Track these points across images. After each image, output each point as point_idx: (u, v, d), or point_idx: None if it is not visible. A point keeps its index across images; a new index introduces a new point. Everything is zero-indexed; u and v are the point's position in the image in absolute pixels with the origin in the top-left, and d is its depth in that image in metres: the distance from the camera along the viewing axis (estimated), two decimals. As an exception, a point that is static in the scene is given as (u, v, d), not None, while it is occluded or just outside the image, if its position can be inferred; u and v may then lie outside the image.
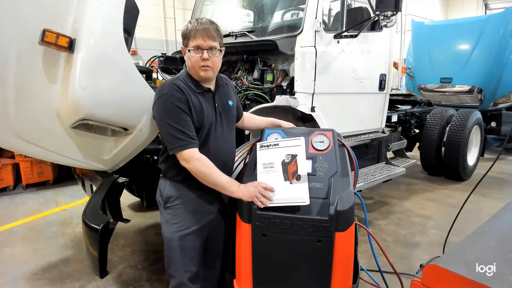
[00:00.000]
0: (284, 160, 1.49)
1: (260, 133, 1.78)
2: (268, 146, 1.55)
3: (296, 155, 1.48)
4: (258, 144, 1.57)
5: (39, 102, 1.61)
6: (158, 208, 1.72)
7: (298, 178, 1.45)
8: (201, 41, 1.47)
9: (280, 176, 1.47)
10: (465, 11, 14.27)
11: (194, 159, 1.44)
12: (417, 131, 5.20)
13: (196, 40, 1.48)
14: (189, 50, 1.50)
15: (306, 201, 1.41)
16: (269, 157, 1.51)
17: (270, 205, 1.43)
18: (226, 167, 1.65)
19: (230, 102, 1.69)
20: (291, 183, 1.45)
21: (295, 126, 1.88)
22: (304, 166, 1.47)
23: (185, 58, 1.56)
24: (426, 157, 5.13)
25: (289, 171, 1.47)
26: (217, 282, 1.88)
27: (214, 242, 1.78)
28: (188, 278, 1.59)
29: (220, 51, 1.55)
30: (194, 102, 1.50)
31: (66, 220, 3.56)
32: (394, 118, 4.32)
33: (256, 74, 2.90)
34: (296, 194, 1.43)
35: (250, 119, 1.94)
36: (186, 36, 1.51)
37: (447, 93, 5.94)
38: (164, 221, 1.62)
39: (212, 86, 1.61)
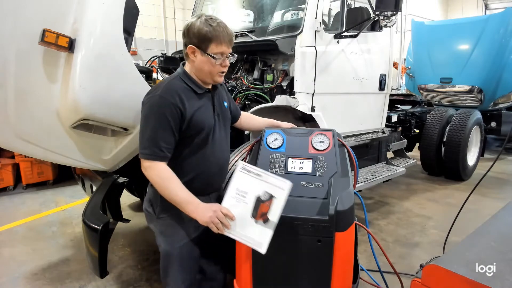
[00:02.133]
0: (259, 196, 1.34)
1: (260, 133, 1.78)
2: (250, 171, 1.38)
3: (274, 197, 1.32)
4: (241, 164, 1.41)
5: (39, 102, 1.61)
6: None
7: (266, 221, 1.32)
8: (226, 48, 1.42)
9: (248, 209, 1.33)
10: (465, 11, 14.27)
11: (152, 169, 1.35)
12: (417, 131, 5.20)
13: (222, 46, 1.40)
14: (210, 55, 1.40)
15: (263, 250, 1.29)
16: (246, 185, 1.36)
17: (226, 233, 1.33)
18: (222, 170, 1.63)
19: (225, 104, 1.65)
20: (256, 222, 1.32)
21: (295, 126, 1.88)
22: (277, 213, 1.31)
23: (194, 59, 1.44)
24: (426, 157, 5.13)
25: (260, 209, 1.33)
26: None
27: (214, 248, 1.72)
28: (185, 287, 1.56)
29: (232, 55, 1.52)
30: (193, 105, 1.42)
31: (66, 220, 3.56)
32: (394, 118, 4.32)
33: (256, 74, 2.90)
34: (255, 236, 1.31)
35: (249, 119, 1.93)
36: (209, 40, 1.38)
37: (447, 93, 5.94)
38: (159, 232, 1.54)
39: (210, 87, 1.57)
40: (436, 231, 3.29)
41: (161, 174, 1.36)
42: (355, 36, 2.79)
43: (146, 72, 2.46)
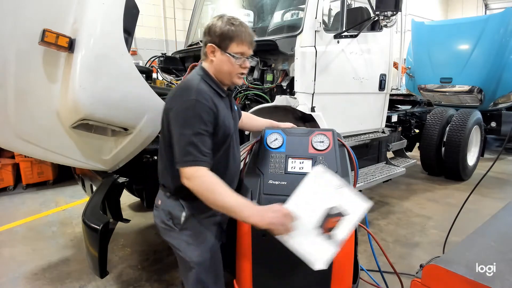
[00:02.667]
0: (331, 208, 1.20)
1: (260, 133, 1.78)
2: (328, 179, 1.26)
3: (347, 213, 1.19)
4: (320, 168, 1.30)
5: (39, 102, 1.61)
6: None
7: (330, 237, 1.18)
8: (247, 49, 1.38)
9: (314, 219, 1.19)
10: (465, 11, 14.27)
11: (197, 176, 1.23)
12: (417, 131, 5.20)
13: (243, 46, 1.36)
14: (230, 55, 1.34)
15: (318, 266, 1.16)
16: (319, 192, 1.23)
17: (282, 240, 1.20)
18: (237, 175, 1.57)
19: (235, 107, 1.61)
20: (319, 235, 1.18)
21: (294, 126, 1.88)
22: (346, 231, 1.17)
23: (213, 58, 1.37)
24: (426, 157, 5.13)
25: (327, 223, 1.19)
26: None
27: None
28: None
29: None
30: (220, 109, 1.35)
31: (66, 220, 3.56)
32: (394, 118, 4.32)
33: (256, 74, 2.90)
34: (315, 251, 1.16)
35: (250, 119, 1.92)
36: (230, 38, 1.33)
37: (447, 93, 5.94)
38: (185, 245, 1.39)
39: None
40: (436, 231, 3.29)
41: (208, 181, 1.23)
42: (355, 36, 2.79)
43: (146, 72, 2.46)
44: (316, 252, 1.16)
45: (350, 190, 1.23)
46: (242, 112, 1.91)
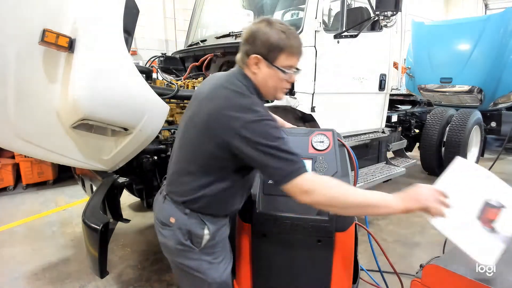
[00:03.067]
0: (489, 200, 1.08)
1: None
2: (477, 170, 1.16)
3: (505, 207, 1.07)
4: (466, 160, 1.19)
5: (39, 102, 1.61)
6: None
7: (494, 230, 1.05)
8: (296, 61, 1.23)
9: (472, 209, 1.07)
10: (465, 11, 14.26)
11: (316, 187, 1.06)
12: (417, 131, 5.19)
13: (293, 58, 1.20)
14: (279, 68, 1.18)
15: (490, 262, 1.01)
16: (470, 182, 1.12)
17: (441, 229, 1.05)
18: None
19: None
20: (482, 227, 1.05)
21: (295, 127, 1.89)
22: (509, 227, 1.04)
23: (256, 71, 1.20)
24: (426, 157, 5.13)
25: (487, 214, 1.07)
26: None
27: None
28: None
29: None
30: None
31: (66, 220, 3.56)
32: (394, 118, 4.33)
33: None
34: (480, 243, 1.03)
35: None
36: (280, 49, 1.16)
37: (447, 93, 5.94)
38: (206, 264, 1.25)
39: None
40: (436, 231, 3.28)
41: (330, 186, 1.07)
42: (355, 36, 2.79)
43: (146, 72, 2.46)
44: (482, 246, 1.03)
45: (503, 183, 1.11)
46: None
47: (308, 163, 1.56)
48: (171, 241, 1.24)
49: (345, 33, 2.76)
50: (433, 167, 5.14)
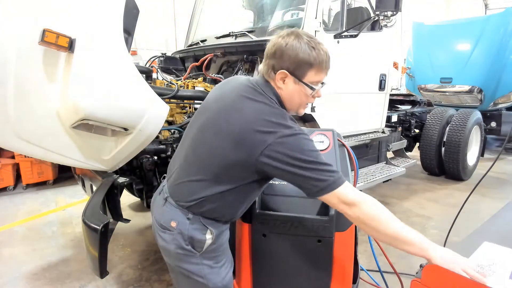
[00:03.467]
0: None
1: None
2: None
3: None
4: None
5: (39, 102, 1.61)
6: None
7: None
8: (324, 76, 1.19)
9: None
10: (465, 11, 14.26)
11: (361, 200, 1.05)
12: (417, 131, 5.20)
13: (322, 74, 1.17)
14: (307, 85, 1.15)
15: None
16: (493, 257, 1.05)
17: None
18: None
19: None
20: None
21: None
22: None
23: (282, 86, 1.17)
24: (426, 157, 5.13)
25: None
26: None
27: None
28: None
29: None
30: None
31: (66, 220, 3.56)
32: (394, 118, 4.33)
33: (256, 74, 2.89)
34: None
35: None
36: (310, 65, 1.13)
37: (447, 93, 5.94)
38: (208, 269, 1.23)
39: None
40: (436, 231, 3.29)
41: (373, 202, 1.06)
42: (355, 36, 2.79)
43: (146, 72, 2.46)
44: None
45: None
46: None
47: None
48: (172, 245, 1.21)
49: (345, 33, 2.76)
50: (433, 167, 5.14)
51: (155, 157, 2.27)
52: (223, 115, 1.16)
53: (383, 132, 3.63)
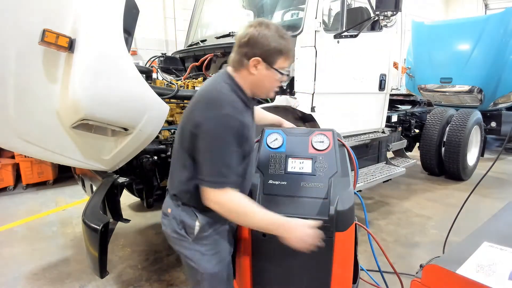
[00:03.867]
0: None
1: (260, 134, 1.78)
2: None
3: None
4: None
5: (39, 102, 1.61)
6: (158, 208, 1.59)
7: None
8: (290, 63, 1.32)
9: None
10: (465, 11, 14.26)
11: (226, 202, 1.18)
12: (417, 131, 5.20)
13: (289, 60, 1.29)
14: (277, 71, 1.26)
15: None
16: (492, 258, 1.09)
17: None
18: (247, 192, 1.49)
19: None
20: None
21: (295, 126, 1.88)
22: None
23: (254, 72, 1.25)
24: (426, 157, 5.13)
25: None
26: None
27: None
28: None
29: None
30: (248, 122, 1.27)
31: (66, 220, 3.56)
32: (394, 118, 4.33)
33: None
34: None
35: (261, 116, 1.82)
36: (280, 53, 1.24)
37: (447, 93, 5.94)
38: (199, 255, 1.32)
39: None
40: (436, 231, 3.29)
41: (238, 204, 1.19)
42: (355, 36, 2.79)
43: (146, 72, 2.46)
44: None
45: None
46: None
47: (308, 163, 1.56)
48: (169, 229, 1.35)
49: (345, 33, 2.76)
50: (433, 167, 5.14)
51: (155, 157, 2.27)
52: (191, 104, 1.29)
53: (383, 132, 3.63)
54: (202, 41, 3.46)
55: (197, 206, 1.30)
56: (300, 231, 1.21)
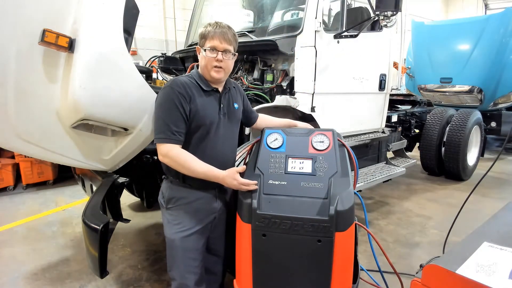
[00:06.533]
0: None
1: (260, 134, 1.78)
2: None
3: None
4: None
5: (39, 102, 1.61)
6: (158, 208, 1.71)
7: None
8: (218, 43, 1.53)
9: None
10: (465, 11, 14.26)
11: (170, 152, 1.47)
12: (417, 131, 5.20)
13: (213, 41, 1.53)
14: (204, 50, 1.54)
15: None
16: (492, 258, 1.09)
17: None
18: (224, 167, 1.62)
19: (236, 105, 1.71)
20: None
21: (311, 126, 1.90)
22: None
23: (199, 58, 1.60)
24: (426, 157, 5.13)
25: None
26: (220, 286, 1.87)
27: (215, 243, 1.77)
28: (190, 280, 1.60)
29: (234, 55, 1.61)
30: (198, 100, 1.53)
31: (66, 220, 3.56)
32: (394, 118, 4.33)
33: (256, 74, 2.90)
34: None
35: (267, 121, 1.95)
36: (204, 36, 1.55)
37: (447, 93, 5.94)
38: (166, 222, 1.63)
39: (220, 88, 1.65)
40: (436, 231, 3.29)
41: (179, 156, 1.47)
42: (355, 36, 2.78)
43: (146, 72, 2.46)
44: None
45: None
46: (260, 114, 1.94)
47: (308, 163, 1.56)
48: (159, 197, 1.70)
49: (345, 33, 2.76)
50: (433, 167, 5.15)
51: (155, 157, 2.27)
52: None
53: (383, 132, 3.63)
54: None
55: (169, 179, 1.63)
56: (228, 182, 1.50)
